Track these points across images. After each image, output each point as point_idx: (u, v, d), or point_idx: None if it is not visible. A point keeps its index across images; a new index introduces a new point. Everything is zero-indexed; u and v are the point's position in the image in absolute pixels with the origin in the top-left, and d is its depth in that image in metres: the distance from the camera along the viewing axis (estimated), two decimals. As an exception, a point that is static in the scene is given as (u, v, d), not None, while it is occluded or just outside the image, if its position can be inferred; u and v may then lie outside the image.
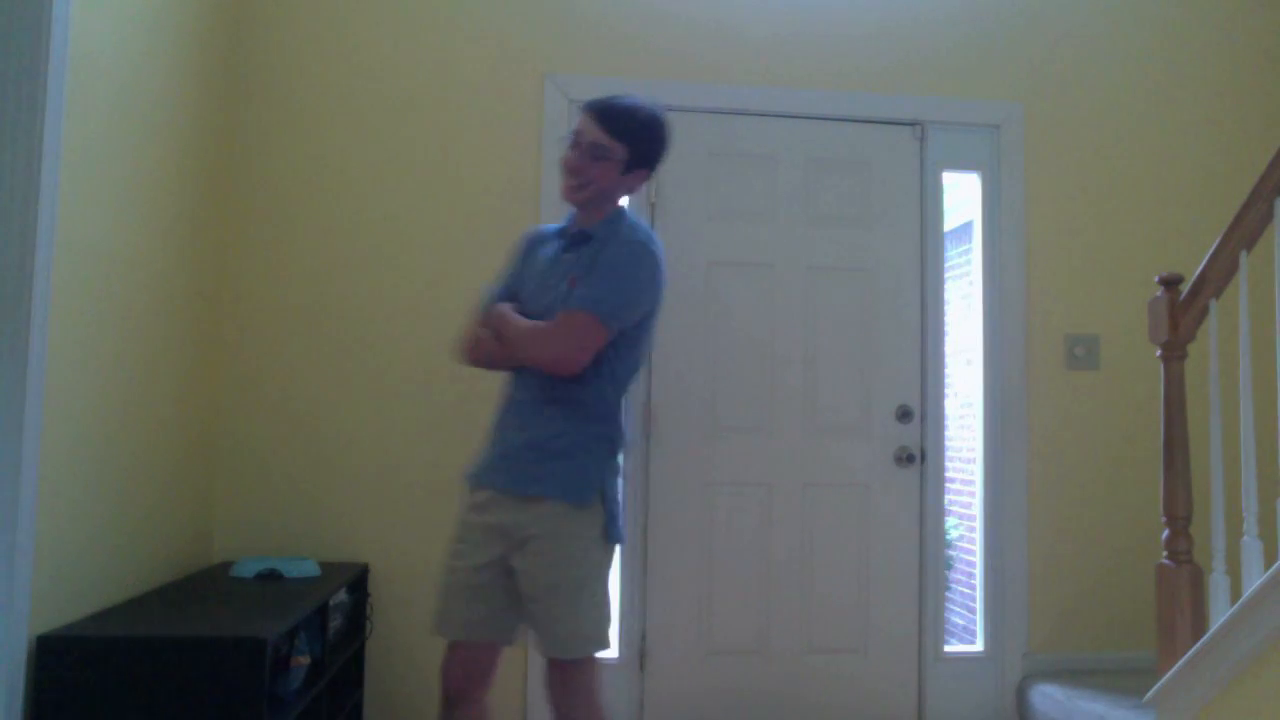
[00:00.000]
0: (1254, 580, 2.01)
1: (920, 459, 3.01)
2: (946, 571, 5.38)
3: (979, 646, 3.05)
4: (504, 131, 2.88)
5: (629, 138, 1.93)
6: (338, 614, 2.43)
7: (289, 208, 2.79)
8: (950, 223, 5.45)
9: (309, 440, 2.75)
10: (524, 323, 1.90)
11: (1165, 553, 2.29)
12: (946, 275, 3.21)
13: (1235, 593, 2.13)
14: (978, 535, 3.12)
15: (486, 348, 1.98)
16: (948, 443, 3.18)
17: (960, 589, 5.48)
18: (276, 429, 2.74)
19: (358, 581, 2.65)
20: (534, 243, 2.10)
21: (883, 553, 2.98)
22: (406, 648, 2.75)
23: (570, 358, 1.84)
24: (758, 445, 2.94)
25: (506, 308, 1.96)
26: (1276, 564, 1.90)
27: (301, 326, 2.78)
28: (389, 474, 2.77)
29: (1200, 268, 2.28)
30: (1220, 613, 2.11)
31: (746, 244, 2.97)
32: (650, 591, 2.87)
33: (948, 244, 5.57)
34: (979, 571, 3.10)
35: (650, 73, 2.96)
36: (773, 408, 2.96)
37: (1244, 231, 2.20)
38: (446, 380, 2.80)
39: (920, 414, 3.02)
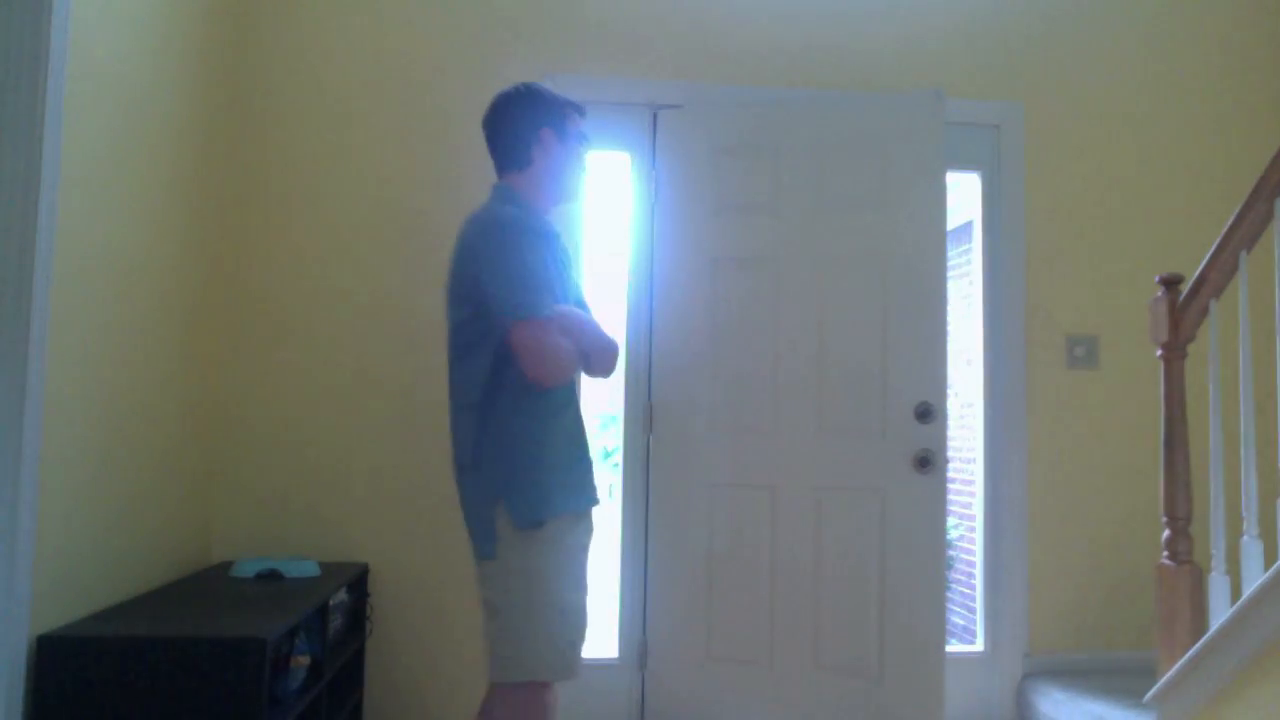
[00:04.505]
0: (1254, 580, 2.01)
1: (944, 462, 2.71)
2: (946, 571, 5.38)
3: (979, 646, 3.05)
4: (504, 131, 2.88)
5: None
6: (338, 614, 2.43)
7: (289, 210, 2.79)
8: (950, 223, 5.46)
9: (309, 441, 2.75)
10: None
11: (1165, 553, 2.29)
12: (947, 275, 3.19)
13: (1235, 593, 2.13)
14: (978, 535, 3.12)
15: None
16: (949, 443, 3.16)
17: (960, 589, 5.48)
18: (276, 429, 2.74)
19: (358, 581, 2.65)
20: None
21: (898, 561, 2.69)
22: (406, 648, 2.75)
23: None
24: (760, 445, 2.84)
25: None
26: (1276, 564, 1.90)
27: (302, 327, 2.77)
28: (388, 474, 2.77)
29: (1200, 268, 2.28)
30: (1220, 613, 2.11)
31: (748, 239, 2.86)
32: (651, 591, 2.85)
33: (948, 244, 5.57)
34: (979, 571, 3.10)
35: (650, 73, 2.96)
36: (778, 406, 2.89)
37: (1244, 231, 2.20)
38: (446, 381, 2.79)
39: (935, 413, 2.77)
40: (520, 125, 1.92)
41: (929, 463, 2.69)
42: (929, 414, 2.69)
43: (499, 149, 1.95)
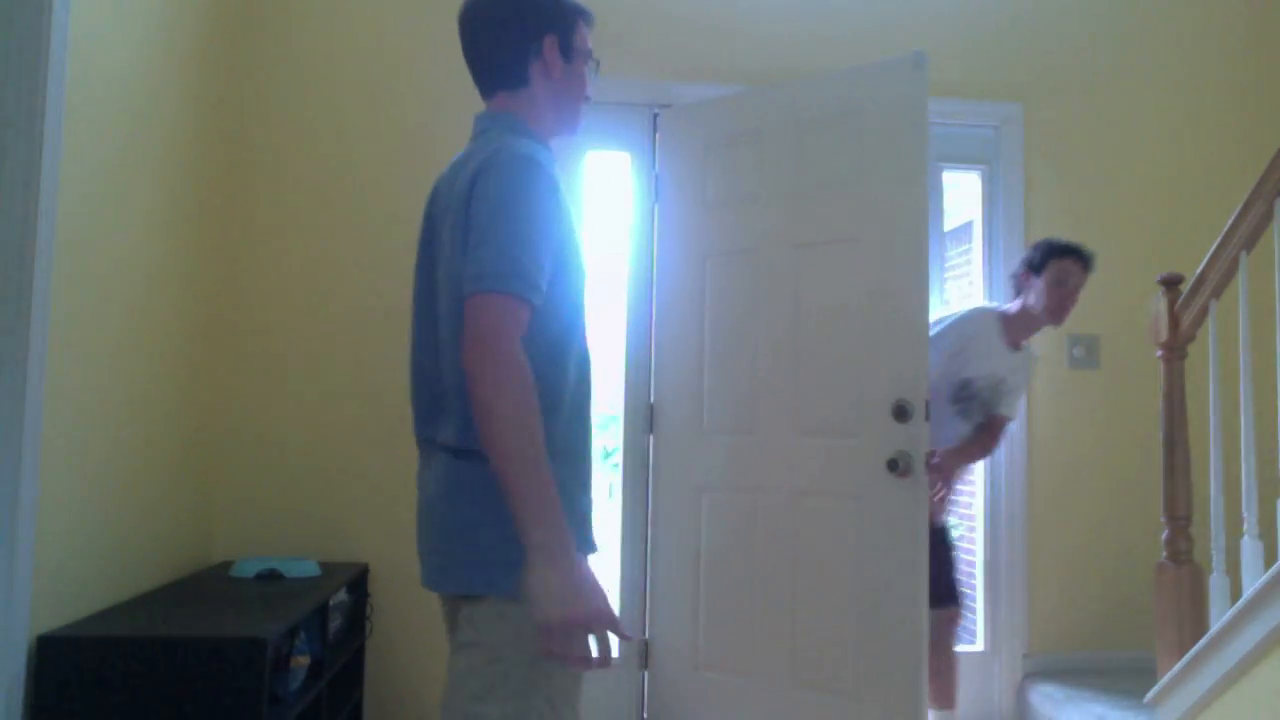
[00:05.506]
0: (1254, 580, 2.01)
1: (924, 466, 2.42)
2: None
3: (979, 646, 3.05)
4: (504, 131, 2.88)
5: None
6: (338, 614, 2.43)
7: (291, 209, 2.79)
8: (950, 223, 5.46)
9: (309, 440, 2.75)
10: None
11: (1165, 553, 2.29)
12: (946, 275, 3.19)
13: (1235, 593, 2.14)
14: (978, 535, 3.12)
15: None
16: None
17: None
18: (276, 429, 2.74)
19: (358, 581, 2.65)
20: None
21: (874, 573, 2.45)
22: (406, 648, 2.75)
23: None
24: (759, 447, 2.74)
25: None
26: (1276, 564, 1.90)
27: (302, 327, 2.78)
28: (388, 474, 2.77)
29: (1200, 268, 2.28)
30: (1220, 613, 2.11)
31: (740, 233, 2.76)
32: (652, 591, 2.84)
33: (948, 244, 5.57)
34: (979, 571, 3.10)
35: (650, 73, 2.96)
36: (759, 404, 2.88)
37: (1244, 231, 2.20)
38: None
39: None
40: (516, 31, 1.41)
41: (904, 466, 2.34)
42: (907, 413, 2.36)
43: (483, 60, 1.44)
